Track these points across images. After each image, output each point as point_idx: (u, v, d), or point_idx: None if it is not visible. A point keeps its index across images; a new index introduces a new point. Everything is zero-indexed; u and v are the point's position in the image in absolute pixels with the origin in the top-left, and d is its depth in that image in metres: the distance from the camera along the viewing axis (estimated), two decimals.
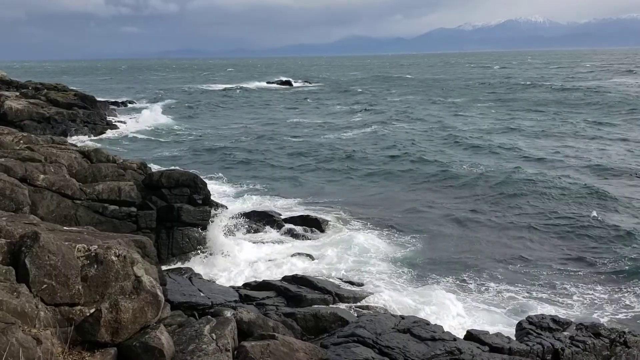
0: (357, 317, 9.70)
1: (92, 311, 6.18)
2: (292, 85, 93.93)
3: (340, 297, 11.47)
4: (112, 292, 6.45)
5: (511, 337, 9.60)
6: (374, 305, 11.49)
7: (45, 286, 6.05)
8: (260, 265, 14.99)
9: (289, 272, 13.54)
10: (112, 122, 41.97)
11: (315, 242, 17.02)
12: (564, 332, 9.80)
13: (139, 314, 6.25)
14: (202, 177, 17.56)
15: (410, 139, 35.05)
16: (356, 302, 11.48)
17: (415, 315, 10.46)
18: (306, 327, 9.42)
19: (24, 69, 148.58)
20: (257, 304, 10.55)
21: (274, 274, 13.94)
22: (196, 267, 14.52)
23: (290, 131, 40.71)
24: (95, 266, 6.53)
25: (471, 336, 9.24)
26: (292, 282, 11.77)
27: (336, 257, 15.85)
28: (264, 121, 47.17)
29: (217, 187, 22.70)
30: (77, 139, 34.21)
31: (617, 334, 9.75)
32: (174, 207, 15.31)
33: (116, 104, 56.81)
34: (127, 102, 60.40)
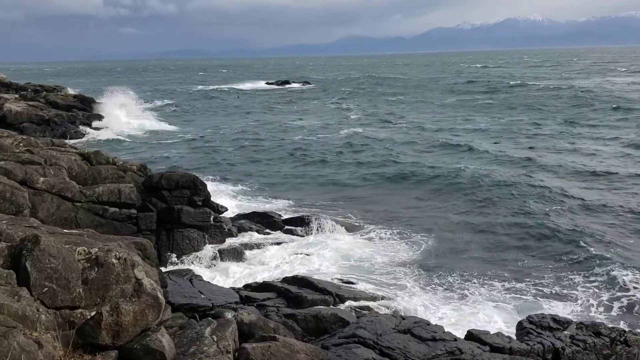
0: (357, 318, 9.70)
1: (93, 314, 6.19)
2: (290, 84, 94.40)
3: (340, 297, 11.48)
4: (112, 295, 6.45)
5: (512, 336, 9.61)
6: (374, 305, 11.50)
7: (46, 289, 6.05)
8: (260, 266, 15.01)
9: (290, 273, 13.56)
10: (113, 123, 41.93)
11: (315, 242, 17.01)
12: (565, 331, 9.80)
13: (140, 317, 6.25)
14: (202, 178, 17.60)
15: (393, 141, 34.87)
16: (356, 303, 11.49)
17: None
18: (307, 328, 9.43)
19: (19, 71, 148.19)
20: (258, 305, 10.55)
21: (274, 275, 13.95)
22: (196, 268, 14.54)
23: (283, 132, 40.69)
24: (95, 269, 6.53)
25: (472, 336, 9.25)
26: (293, 283, 11.78)
27: (336, 258, 15.87)
28: (262, 122, 47.23)
29: (214, 188, 22.70)
30: (77, 141, 34.24)
31: (617, 333, 9.75)
32: (174, 209, 15.32)
33: (117, 105, 56.73)
34: (125, 104, 60.31)
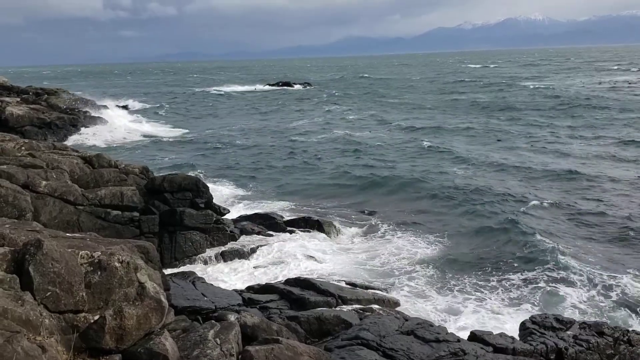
0: (360, 320, 9.70)
1: (96, 318, 6.19)
2: (292, 86, 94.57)
3: (343, 299, 11.46)
4: (116, 299, 6.46)
5: (515, 337, 9.60)
6: (377, 307, 11.49)
7: (49, 293, 6.05)
8: (263, 268, 15.01)
9: (292, 275, 13.55)
10: (114, 126, 41.98)
11: (317, 244, 17.01)
12: (568, 331, 9.79)
13: (143, 320, 6.25)
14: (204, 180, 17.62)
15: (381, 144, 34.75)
16: (359, 305, 11.47)
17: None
18: (310, 330, 9.43)
19: (18, 74, 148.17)
20: (261, 307, 10.54)
21: (277, 277, 13.95)
22: (199, 270, 14.55)
23: (281, 134, 40.84)
24: (98, 273, 6.54)
25: (475, 337, 9.24)
26: (295, 285, 11.76)
27: (338, 259, 15.87)
28: (263, 123, 47.39)
29: (215, 188, 22.71)
30: (78, 143, 34.29)
31: (620, 333, 9.74)
32: (176, 212, 15.33)
33: (118, 107, 56.81)
34: (124, 106, 60.43)
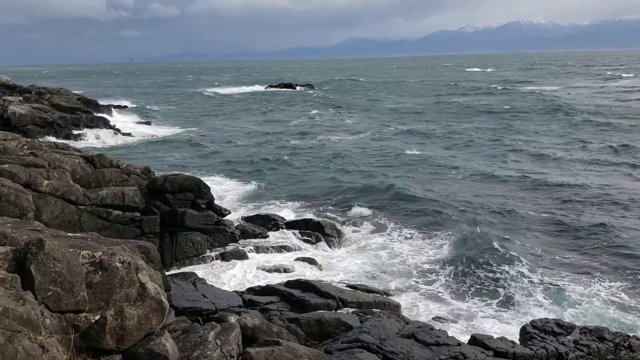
0: (360, 322, 9.69)
1: (97, 318, 6.20)
2: (294, 88, 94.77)
3: (344, 301, 11.45)
4: (117, 299, 6.47)
5: (515, 341, 9.59)
6: (377, 310, 11.48)
7: (50, 293, 6.06)
8: (263, 269, 14.99)
9: (293, 277, 13.55)
10: (115, 126, 42.05)
11: (317, 246, 17.01)
12: (568, 336, 9.76)
13: (144, 321, 6.25)
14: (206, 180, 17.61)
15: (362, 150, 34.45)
16: (360, 307, 11.47)
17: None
18: (310, 332, 9.42)
19: (18, 73, 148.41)
20: (261, 309, 10.53)
21: (277, 279, 13.94)
22: (200, 271, 14.55)
23: (268, 136, 41.03)
24: (100, 273, 6.55)
25: (475, 341, 9.22)
26: (296, 287, 11.75)
27: (339, 261, 15.87)
28: (262, 125, 47.57)
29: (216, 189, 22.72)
30: (80, 143, 34.33)
31: (621, 338, 9.72)
32: (177, 212, 15.34)
33: (119, 107, 56.96)
34: (125, 106, 60.56)
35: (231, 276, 14.53)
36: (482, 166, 28.06)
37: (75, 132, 37.08)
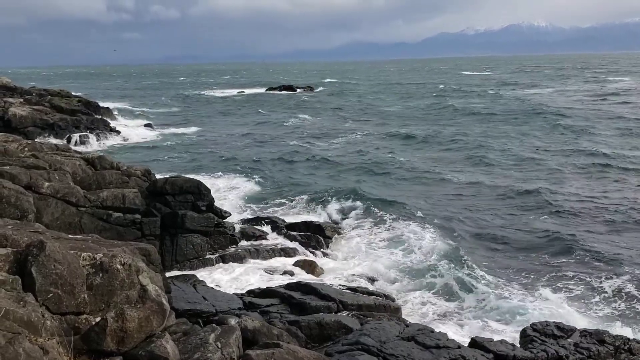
0: (361, 325, 9.68)
1: (97, 320, 6.20)
2: (294, 90, 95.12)
3: (344, 304, 11.44)
4: (117, 301, 6.47)
5: (516, 344, 9.59)
6: (378, 313, 11.47)
7: (51, 295, 6.07)
8: (263, 272, 15.00)
9: (293, 279, 13.55)
10: (116, 128, 42.09)
11: (318, 248, 17.01)
12: (568, 339, 9.77)
13: (145, 323, 6.25)
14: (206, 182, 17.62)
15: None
16: (360, 310, 11.46)
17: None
18: (310, 335, 9.41)
19: (14, 75, 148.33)
20: (261, 312, 10.53)
21: (278, 281, 13.93)
22: (200, 273, 14.55)
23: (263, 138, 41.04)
24: (100, 275, 6.55)
25: (475, 343, 9.22)
26: (296, 289, 11.73)
27: (339, 263, 15.87)
28: (263, 125, 47.62)
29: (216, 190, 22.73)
30: (81, 145, 34.35)
31: (621, 341, 9.73)
32: (178, 214, 15.35)
33: (119, 109, 57.03)
34: (125, 108, 60.66)
35: (231, 278, 14.54)
36: (474, 175, 27.66)
37: (76, 133, 37.11)
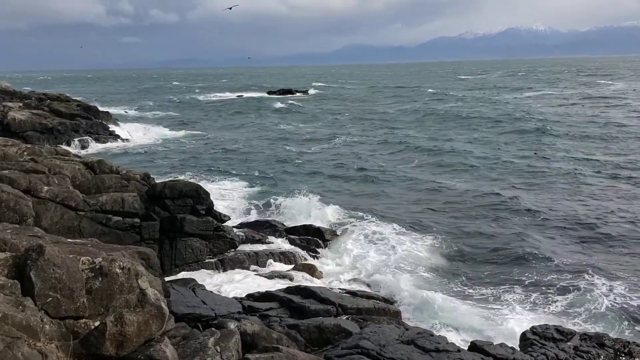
0: (360, 329, 9.67)
1: (96, 324, 6.19)
2: (294, 93, 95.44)
3: (343, 308, 11.43)
4: (116, 305, 6.46)
5: (515, 347, 9.58)
6: (377, 316, 11.46)
7: (50, 299, 6.06)
8: (263, 275, 14.97)
9: (292, 283, 13.53)
10: (115, 132, 42.09)
11: (317, 251, 17.00)
12: (568, 342, 9.76)
13: (144, 327, 6.24)
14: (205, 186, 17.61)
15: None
16: (359, 313, 11.45)
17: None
18: (310, 338, 9.40)
19: (11, 80, 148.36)
20: (261, 315, 10.51)
21: (277, 285, 13.91)
22: (199, 277, 14.52)
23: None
24: (99, 279, 6.54)
25: (475, 347, 9.21)
26: (295, 293, 11.72)
27: (339, 267, 15.86)
28: (261, 128, 47.67)
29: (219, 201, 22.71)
30: (80, 149, 34.36)
31: (621, 344, 9.72)
32: (177, 218, 15.33)
33: (118, 113, 57.07)
34: (125, 112, 60.67)
35: (230, 282, 14.51)
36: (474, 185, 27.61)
37: (75, 137, 37.13)
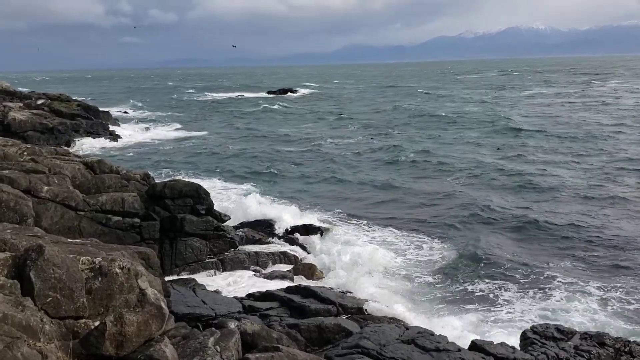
0: (361, 328, 9.67)
1: (96, 324, 6.19)
2: (294, 92, 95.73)
3: (344, 307, 11.44)
4: (116, 305, 6.45)
5: (516, 347, 9.57)
6: (377, 315, 11.46)
7: (50, 299, 6.05)
8: (263, 275, 14.97)
9: (292, 282, 13.52)
10: (115, 132, 42.10)
11: (319, 251, 16.99)
12: (569, 341, 9.76)
13: (144, 327, 6.24)
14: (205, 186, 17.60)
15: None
16: (360, 313, 11.45)
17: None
18: (310, 338, 9.40)
19: (8, 80, 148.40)
20: (261, 315, 10.52)
21: (277, 284, 13.90)
22: (199, 277, 14.52)
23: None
24: (99, 279, 6.54)
25: (475, 346, 9.21)
26: (296, 293, 11.73)
27: (339, 267, 15.83)
28: (259, 128, 47.78)
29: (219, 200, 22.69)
30: (81, 149, 34.36)
31: (622, 343, 9.71)
32: (177, 218, 15.33)
33: (118, 113, 57.07)
34: (124, 112, 60.65)
35: (231, 282, 14.52)
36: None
37: (75, 137, 37.14)
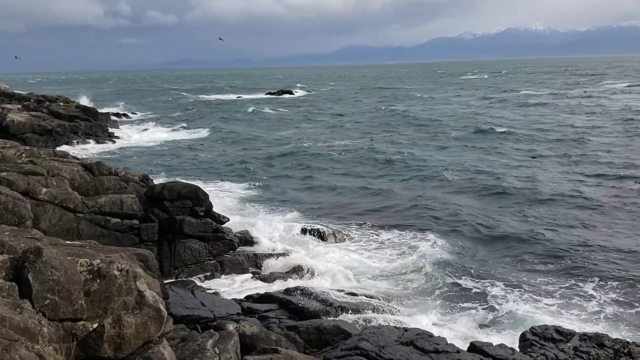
0: (359, 330, 9.66)
1: (95, 326, 6.18)
2: (293, 94, 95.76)
3: (343, 309, 11.44)
4: (115, 307, 6.46)
5: (515, 348, 9.56)
6: (376, 317, 11.45)
7: (48, 301, 6.05)
8: (262, 277, 14.96)
9: (292, 285, 13.52)
10: (114, 134, 42.11)
11: (317, 253, 16.97)
12: (568, 343, 9.75)
13: (142, 329, 6.24)
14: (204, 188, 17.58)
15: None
16: (359, 314, 11.45)
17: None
18: (309, 340, 9.40)
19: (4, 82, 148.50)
20: (260, 317, 10.52)
21: (276, 286, 13.91)
22: (198, 279, 14.51)
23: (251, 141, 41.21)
24: (97, 281, 6.54)
25: (474, 348, 9.19)
26: (295, 294, 11.74)
27: (339, 269, 15.82)
28: (257, 129, 47.79)
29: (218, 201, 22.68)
30: (79, 151, 34.35)
31: (621, 345, 9.70)
32: (176, 220, 15.31)
33: (117, 115, 57.06)
34: (123, 114, 60.70)
35: (229, 284, 14.51)
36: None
37: (74, 139, 37.15)
